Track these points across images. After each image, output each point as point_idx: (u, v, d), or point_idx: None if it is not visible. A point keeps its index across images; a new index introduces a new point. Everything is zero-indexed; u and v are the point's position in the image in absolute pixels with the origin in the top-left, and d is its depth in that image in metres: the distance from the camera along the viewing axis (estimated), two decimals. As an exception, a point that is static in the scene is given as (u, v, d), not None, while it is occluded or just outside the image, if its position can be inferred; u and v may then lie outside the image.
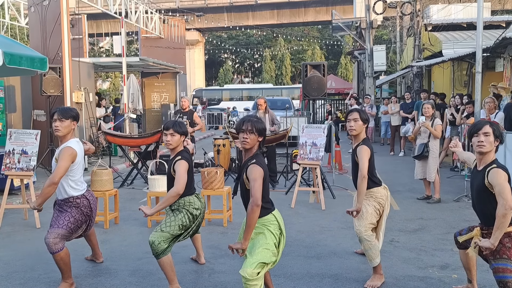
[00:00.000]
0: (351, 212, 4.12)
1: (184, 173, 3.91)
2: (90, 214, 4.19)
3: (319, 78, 8.48)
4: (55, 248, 3.89)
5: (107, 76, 37.87)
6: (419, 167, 7.49)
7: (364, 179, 4.09)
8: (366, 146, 4.18)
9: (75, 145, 4.05)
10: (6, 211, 6.39)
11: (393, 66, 27.48)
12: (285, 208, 7.03)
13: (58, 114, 4.06)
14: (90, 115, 12.48)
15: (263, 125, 3.38)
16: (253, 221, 3.18)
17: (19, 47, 5.49)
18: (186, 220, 3.97)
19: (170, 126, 4.05)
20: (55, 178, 3.86)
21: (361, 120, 4.23)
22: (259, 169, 3.22)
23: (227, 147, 10.19)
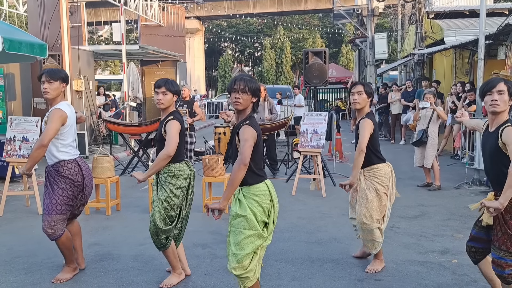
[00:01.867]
0: (344, 186, 4.00)
1: (175, 134, 3.67)
2: (83, 182, 3.90)
3: (321, 65, 8.47)
4: (54, 235, 3.81)
5: (107, 65, 37.76)
6: (418, 154, 7.50)
7: (362, 152, 3.92)
8: (369, 120, 4.03)
9: (65, 108, 3.84)
10: (8, 198, 6.41)
11: (394, 55, 27.36)
12: (286, 196, 7.06)
13: (46, 76, 3.85)
14: (90, 103, 12.46)
15: (257, 84, 3.11)
16: (237, 180, 2.92)
17: (19, 33, 5.46)
18: (173, 198, 3.69)
19: (162, 84, 3.80)
20: (44, 140, 3.67)
21: (365, 94, 4.07)
22: (251, 130, 2.97)
23: (227, 135, 10.19)
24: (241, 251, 2.99)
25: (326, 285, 3.85)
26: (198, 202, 6.43)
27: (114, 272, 4.15)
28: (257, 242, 3.02)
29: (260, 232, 3.02)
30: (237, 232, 3.02)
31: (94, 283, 3.92)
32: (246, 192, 3.05)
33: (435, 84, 12.30)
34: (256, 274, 3.08)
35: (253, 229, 3.00)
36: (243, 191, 3.07)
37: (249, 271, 3.03)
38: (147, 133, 9.38)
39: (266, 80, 44.27)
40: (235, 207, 3.07)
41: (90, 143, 12.39)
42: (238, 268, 3.00)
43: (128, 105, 12.52)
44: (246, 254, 2.99)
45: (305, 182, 7.95)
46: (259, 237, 3.02)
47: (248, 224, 2.99)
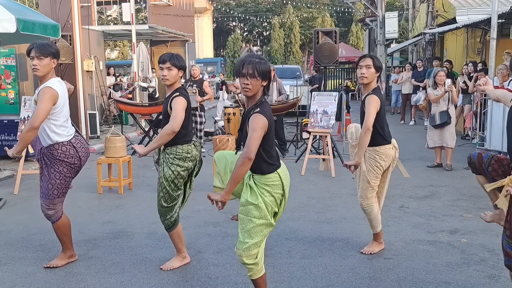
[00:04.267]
0: (349, 166, 3.85)
1: (181, 111, 3.51)
2: (79, 164, 3.75)
3: (331, 45, 8.41)
4: (54, 217, 3.74)
5: (115, 45, 37.68)
6: (436, 135, 7.43)
7: (368, 131, 3.71)
8: (376, 96, 3.80)
9: (56, 85, 3.57)
10: (23, 177, 6.54)
11: (404, 34, 27.02)
12: (295, 175, 7.10)
13: (35, 51, 3.56)
14: (100, 83, 12.52)
15: (267, 65, 2.84)
16: (240, 175, 2.75)
17: (32, 14, 5.49)
18: (179, 179, 3.64)
19: (166, 59, 3.60)
20: (34, 122, 3.41)
21: (374, 68, 3.82)
22: (262, 119, 2.74)
23: (237, 115, 10.21)
24: (249, 240, 2.90)
25: (336, 263, 3.93)
26: (209, 181, 6.50)
27: (128, 249, 4.26)
28: (265, 231, 2.95)
29: (270, 221, 2.93)
30: (246, 220, 2.91)
31: (109, 260, 4.03)
32: (257, 181, 2.90)
33: (447, 64, 12.18)
34: (261, 268, 3.01)
35: (263, 218, 2.89)
36: (254, 178, 2.92)
37: (256, 261, 2.96)
38: (157, 113, 9.44)
39: (275, 60, 43.97)
40: (246, 194, 2.94)
41: (101, 123, 12.50)
42: (246, 256, 2.92)
43: (138, 85, 12.56)
44: (255, 242, 2.92)
45: (314, 162, 8.00)
46: (268, 226, 2.95)
47: (259, 213, 2.87)
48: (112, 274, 3.74)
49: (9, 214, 5.38)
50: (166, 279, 3.66)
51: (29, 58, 3.64)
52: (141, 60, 13.92)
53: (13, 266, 3.91)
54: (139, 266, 3.89)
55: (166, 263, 3.87)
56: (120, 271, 3.80)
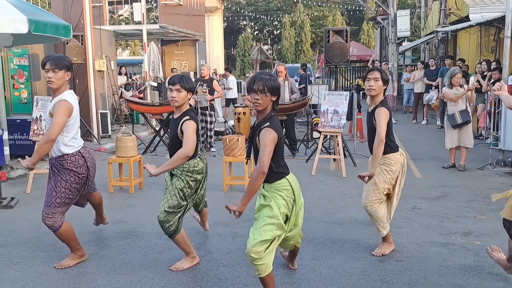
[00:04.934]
0: (362, 177, 3.89)
1: (193, 134, 3.64)
2: (87, 174, 3.81)
3: (342, 44, 8.35)
4: (53, 227, 3.73)
5: (127, 45, 37.90)
6: (455, 135, 7.31)
7: (382, 143, 3.85)
8: (385, 108, 3.95)
9: (70, 98, 3.66)
10: (35, 176, 6.59)
11: (417, 32, 26.79)
12: (305, 175, 7.08)
13: (50, 64, 3.64)
14: (112, 83, 12.58)
15: (276, 82, 3.06)
16: (255, 188, 2.96)
17: (43, 14, 5.51)
18: (188, 189, 3.75)
19: (176, 81, 3.70)
20: (51, 135, 3.50)
21: (382, 81, 3.99)
22: (272, 134, 2.95)
23: (247, 115, 10.20)
24: (258, 236, 3.03)
25: (347, 265, 3.89)
26: (219, 181, 6.52)
27: (138, 249, 4.26)
28: (276, 232, 3.08)
29: (281, 222, 3.08)
30: (259, 219, 3.10)
31: (120, 259, 4.04)
32: (268, 188, 3.13)
33: (459, 63, 12.04)
34: (269, 266, 3.08)
35: (275, 218, 3.06)
36: (265, 187, 3.15)
37: (264, 258, 3.03)
38: (168, 112, 9.47)
39: (286, 58, 43.89)
40: (259, 201, 3.18)
41: (112, 122, 12.56)
42: (254, 252, 3.00)
43: (149, 84, 12.60)
44: (264, 240, 3.02)
45: (325, 162, 7.96)
46: (279, 227, 3.08)
47: (271, 213, 3.06)
48: (122, 274, 3.75)
49: (22, 213, 5.42)
50: (176, 279, 3.65)
51: (43, 70, 3.73)
52: (152, 60, 13.98)
53: (24, 265, 3.94)
54: (149, 266, 3.89)
55: (176, 264, 3.87)
56: (130, 271, 3.81)
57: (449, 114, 7.36)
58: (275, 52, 52.00)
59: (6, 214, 5.37)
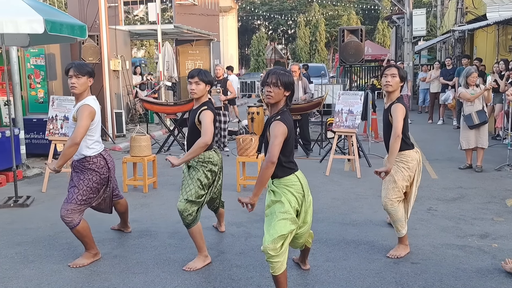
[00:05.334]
0: (379, 173, 3.89)
1: (210, 124, 3.77)
2: (108, 174, 3.97)
3: (357, 43, 8.29)
4: (71, 224, 3.80)
5: (142, 44, 38.16)
6: (470, 136, 7.18)
7: (398, 138, 3.83)
8: (402, 105, 3.93)
9: (93, 103, 3.83)
10: (51, 175, 6.64)
11: (433, 31, 26.49)
12: (319, 176, 7.04)
13: (74, 70, 3.81)
14: (126, 82, 12.67)
15: (290, 78, 3.10)
16: (265, 177, 2.99)
17: (59, 14, 5.55)
18: (205, 178, 3.85)
19: (195, 74, 3.88)
20: (76, 138, 3.67)
21: (399, 77, 3.97)
22: (282, 126, 2.98)
23: (261, 114, 10.16)
24: (274, 232, 3.04)
25: (361, 267, 3.85)
26: (232, 181, 6.52)
27: (152, 249, 4.27)
28: (291, 226, 3.10)
29: (294, 216, 3.11)
30: (272, 215, 3.10)
31: (133, 259, 4.05)
32: (277, 184, 3.14)
33: (476, 62, 11.86)
34: (283, 264, 3.10)
35: (287, 213, 3.07)
36: (274, 183, 3.16)
37: (280, 255, 3.06)
38: (182, 112, 9.50)
39: (300, 58, 43.76)
40: (269, 197, 3.18)
41: (127, 121, 12.66)
42: (271, 249, 3.02)
43: (163, 84, 12.66)
44: (280, 235, 3.04)
45: (339, 162, 7.90)
46: (292, 222, 3.11)
47: (283, 208, 3.07)
48: (135, 274, 3.76)
49: (37, 212, 5.47)
50: (189, 279, 3.65)
51: (67, 76, 3.88)
52: (166, 60, 14.04)
53: (39, 264, 3.97)
54: (162, 266, 3.90)
55: (189, 264, 3.86)
56: (143, 270, 3.82)
57: (465, 114, 7.24)
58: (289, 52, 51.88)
59: (22, 213, 5.43)
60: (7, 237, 4.61)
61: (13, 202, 5.67)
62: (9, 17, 4.99)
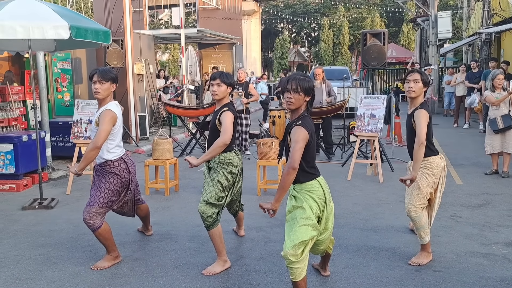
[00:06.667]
0: (404, 181, 3.85)
1: (230, 124, 3.83)
2: (129, 178, 4.03)
3: (379, 46, 8.21)
4: (93, 226, 3.86)
5: (166, 48, 38.59)
6: (496, 140, 7.02)
7: (422, 145, 3.78)
8: (425, 110, 3.88)
9: (115, 108, 3.92)
10: (75, 177, 6.77)
11: (458, 34, 26.01)
12: (341, 180, 6.98)
13: (98, 76, 3.90)
14: (150, 86, 12.84)
15: (310, 83, 3.12)
16: (287, 183, 3.00)
17: (84, 20, 5.66)
18: (225, 180, 3.89)
19: (217, 76, 3.97)
20: (98, 142, 3.75)
21: (422, 82, 3.92)
22: (303, 132, 3.00)
23: (282, 118, 10.16)
24: (295, 238, 3.03)
25: (382, 274, 3.79)
26: (253, 184, 6.52)
27: (172, 252, 4.30)
28: (312, 232, 3.09)
29: (315, 222, 3.10)
30: (294, 221, 3.10)
31: (154, 262, 4.09)
32: (298, 189, 3.14)
33: (504, 65, 11.59)
34: (304, 270, 3.09)
35: (309, 219, 3.07)
36: (295, 188, 3.16)
37: (301, 261, 3.06)
38: (204, 115, 9.56)
39: (323, 61, 43.57)
40: (290, 202, 3.18)
41: (150, 124, 12.81)
42: (292, 255, 3.02)
43: (187, 88, 12.77)
44: (302, 241, 3.03)
45: (361, 167, 7.82)
46: (314, 228, 3.10)
47: (304, 214, 3.07)
48: (155, 277, 3.79)
49: (61, 213, 5.58)
50: (208, 284, 3.66)
51: (91, 81, 3.98)
52: (189, 63, 14.16)
53: (62, 266, 4.04)
54: (181, 270, 3.92)
55: (208, 268, 3.88)
56: (163, 274, 3.85)
57: (490, 118, 7.09)
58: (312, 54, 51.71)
59: (46, 214, 5.54)
60: (32, 239, 4.71)
61: (38, 204, 5.80)
62: (36, 23, 5.12)
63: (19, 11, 5.25)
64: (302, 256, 3.06)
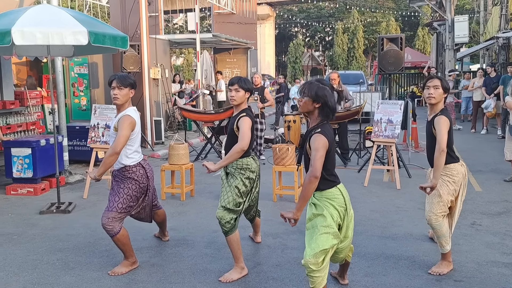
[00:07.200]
0: (424, 188, 3.79)
1: (248, 130, 3.83)
2: (147, 183, 4.04)
3: (396, 52, 8.11)
4: (111, 232, 3.86)
5: (181, 52, 38.83)
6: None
7: (443, 153, 3.72)
8: (445, 117, 3.81)
9: (133, 114, 3.93)
10: (92, 182, 6.81)
11: (475, 38, 25.73)
12: (357, 187, 6.91)
13: (116, 82, 3.93)
14: (166, 90, 12.90)
15: (320, 90, 3.06)
16: (309, 192, 2.98)
17: (102, 26, 5.71)
18: (242, 186, 3.88)
19: (235, 82, 3.99)
20: (117, 147, 3.76)
21: (442, 88, 3.85)
22: (323, 139, 2.98)
23: (297, 123, 10.12)
24: (316, 246, 3.01)
25: (401, 283, 3.73)
26: (269, 190, 6.49)
27: (188, 258, 4.29)
28: (333, 241, 3.06)
29: (336, 230, 3.08)
30: (314, 229, 3.07)
31: (170, 268, 4.08)
32: (319, 197, 3.12)
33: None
34: (324, 280, 3.07)
35: (329, 227, 3.05)
36: (315, 196, 3.14)
37: (322, 270, 3.03)
38: (219, 120, 9.57)
39: (337, 65, 43.42)
40: (310, 210, 3.16)
41: (166, 129, 12.86)
42: (312, 263, 3.00)
43: (202, 92, 12.82)
44: (322, 249, 3.01)
45: (377, 172, 7.74)
46: (335, 236, 3.07)
47: (325, 222, 3.05)
48: (172, 284, 3.78)
49: (78, 218, 5.61)
50: (225, 291, 3.64)
51: (110, 87, 4.01)
52: (204, 68, 14.21)
53: (79, 271, 4.05)
54: (198, 276, 3.90)
55: (225, 275, 3.85)
56: (180, 280, 3.84)
57: (510, 124, 6.98)
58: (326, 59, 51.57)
59: (64, 219, 5.58)
60: (49, 243, 4.74)
61: (56, 208, 5.84)
62: (55, 29, 5.17)
63: (39, 17, 5.31)
64: (323, 265, 3.03)
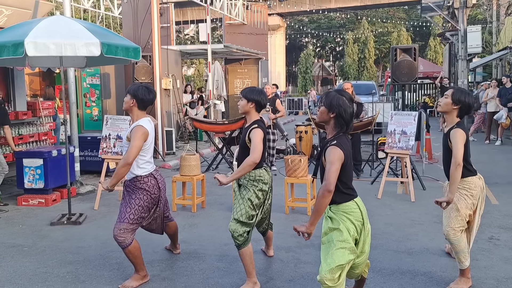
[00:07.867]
0: (440, 203, 3.71)
1: (260, 142, 3.79)
2: (158, 194, 4.01)
3: (410, 62, 8.05)
4: (123, 243, 3.84)
5: (192, 63, 39.05)
6: None
7: (459, 166, 3.65)
8: (461, 130, 3.73)
9: (146, 124, 3.92)
10: (103, 192, 6.79)
11: (488, 48, 25.52)
12: (371, 199, 6.80)
13: None
14: (177, 101, 12.92)
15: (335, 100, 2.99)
16: (322, 206, 2.90)
17: (115, 37, 5.72)
18: (255, 198, 3.84)
19: (242, 91, 4.06)
20: (129, 158, 3.75)
21: (451, 99, 3.76)
22: (338, 152, 2.91)
23: (309, 133, 10.06)
24: (332, 262, 2.93)
25: (419, 300, 3.62)
26: (281, 202, 6.40)
27: (200, 272, 4.22)
28: (349, 256, 2.97)
29: (353, 245, 2.98)
30: (330, 243, 2.99)
31: (182, 282, 4.01)
32: (335, 211, 3.03)
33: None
34: None
35: (346, 242, 2.96)
36: (331, 209, 3.05)
37: (338, 286, 2.95)
38: (231, 131, 9.53)
39: (348, 75, 43.37)
40: (326, 224, 3.07)
41: (177, 139, 12.85)
42: (328, 279, 2.91)
43: (213, 103, 12.81)
44: (338, 265, 2.92)
45: (391, 184, 7.62)
46: (351, 251, 2.98)
47: (341, 237, 2.96)
48: (183, 298, 3.70)
49: (89, 230, 5.57)
50: (237, 307, 3.55)
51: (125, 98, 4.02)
52: (216, 78, 14.22)
53: (90, 284, 4.00)
54: (210, 291, 3.83)
55: (238, 290, 3.78)
56: (191, 295, 3.76)
57: None
58: (337, 69, 51.54)
59: (74, 230, 5.54)
60: (60, 255, 4.70)
61: (67, 220, 5.81)
62: (68, 41, 5.18)
63: (52, 28, 5.33)
64: (340, 281, 2.94)
